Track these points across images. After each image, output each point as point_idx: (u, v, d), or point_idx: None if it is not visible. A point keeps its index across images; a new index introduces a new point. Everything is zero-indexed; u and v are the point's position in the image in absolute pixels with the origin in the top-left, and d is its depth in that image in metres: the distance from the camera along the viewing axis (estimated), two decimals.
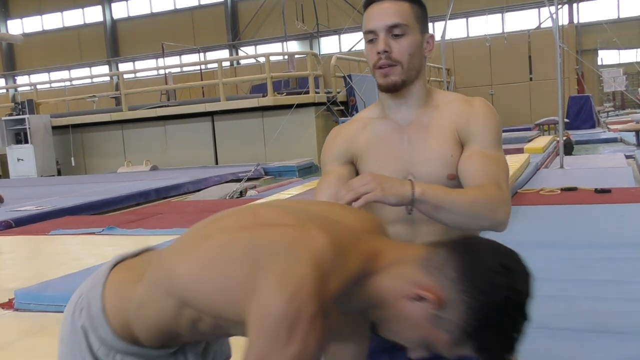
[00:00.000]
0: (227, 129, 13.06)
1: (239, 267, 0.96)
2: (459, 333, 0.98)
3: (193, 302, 1.04)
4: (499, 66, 18.32)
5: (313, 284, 0.91)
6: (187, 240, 1.09)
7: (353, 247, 1.01)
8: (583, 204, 4.99)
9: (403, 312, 1.01)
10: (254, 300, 0.92)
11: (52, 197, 8.14)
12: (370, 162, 1.54)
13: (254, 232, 1.00)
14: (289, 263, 0.93)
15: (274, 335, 0.89)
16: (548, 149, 9.66)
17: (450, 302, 0.97)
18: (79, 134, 14.54)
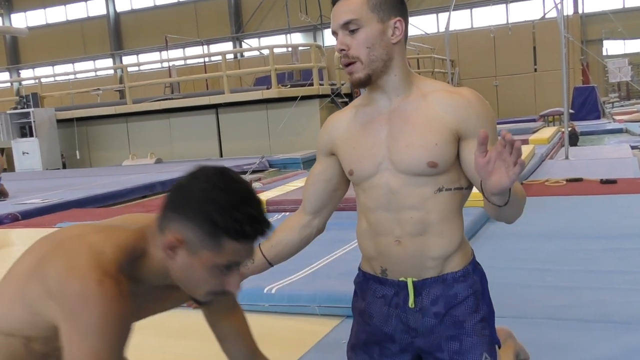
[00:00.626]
0: (232, 121, 13.06)
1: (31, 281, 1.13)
2: (209, 241, 1.11)
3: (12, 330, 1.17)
4: (504, 57, 18.23)
5: (87, 259, 1.09)
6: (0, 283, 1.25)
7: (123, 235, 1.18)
8: (588, 194, 4.99)
9: (177, 268, 1.15)
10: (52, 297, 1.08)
11: (57, 190, 8.16)
12: (349, 149, 1.57)
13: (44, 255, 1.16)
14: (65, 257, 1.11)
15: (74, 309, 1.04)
16: (553, 140, 9.62)
17: (182, 232, 1.12)
18: (84, 127, 14.57)
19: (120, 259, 1.14)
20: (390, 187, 1.49)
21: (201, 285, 1.17)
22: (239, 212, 1.11)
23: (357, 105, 1.61)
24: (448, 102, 1.48)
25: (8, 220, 6.03)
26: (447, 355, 1.52)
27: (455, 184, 1.50)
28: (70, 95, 16.35)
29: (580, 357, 2.00)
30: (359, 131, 1.55)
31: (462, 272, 1.53)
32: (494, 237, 3.82)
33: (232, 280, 1.17)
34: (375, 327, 1.59)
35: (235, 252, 1.14)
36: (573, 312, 2.39)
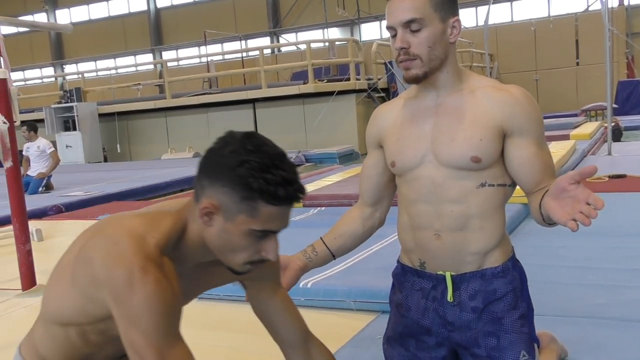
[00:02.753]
0: (268, 116, 13.15)
1: (78, 269, 1.16)
2: (245, 204, 1.11)
3: (68, 320, 1.20)
4: (544, 51, 17.86)
5: (131, 246, 1.09)
6: (54, 271, 1.28)
7: (162, 217, 1.19)
8: (632, 191, 4.86)
9: (215, 236, 1.15)
10: (100, 286, 1.10)
11: (99, 183, 8.36)
12: (393, 140, 1.57)
13: (88, 241, 1.19)
14: (109, 244, 1.12)
15: (122, 296, 1.07)
16: (595, 136, 9.39)
17: (218, 197, 1.12)
18: (124, 121, 14.86)
19: (161, 241, 1.14)
20: (433, 180, 1.50)
21: (238, 253, 1.16)
22: (272, 174, 1.09)
23: (406, 97, 1.62)
24: (496, 98, 1.49)
25: (52, 212, 6.21)
26: (484, 351, 1.51)
27: (498, 180, 1.49)
28: (112, 89, 16.68)
29: (621, 355, 1.96)
30: (404, 123, 1.56)
31: (502, 267, 1.52)
32: (533, 234, 3.76)
33: (270, 247, 1.16)
34: (412, 320, 1.59)
35: (270, 216, 1.12)
36: (613, 311, 2.34)
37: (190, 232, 1.19)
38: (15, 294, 3.24)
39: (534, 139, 1.48)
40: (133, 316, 1.06)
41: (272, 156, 1.12)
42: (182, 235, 1.19)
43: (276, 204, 1.11)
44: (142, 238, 1.12)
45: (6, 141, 3.24)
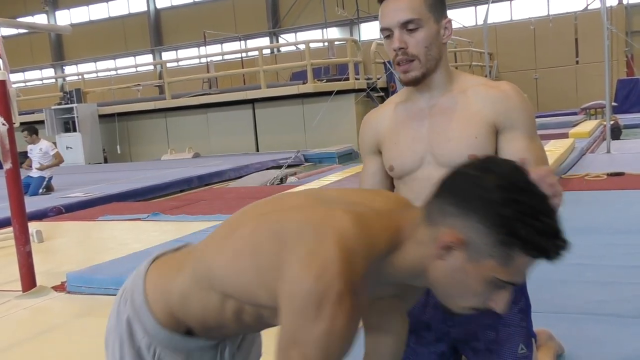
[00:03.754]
0: (268, 116, 13.15)
1: (267, 250, 1.00)
2: (498, 249, 0.95)
3: (232, 292, 1.07)
4: (544, 49, 17.86)
5: (339, 262, 0.93)
6: (220, 234, 1.13)
7: (377, 224, 1.02)
8: (630, 189, 4.87)
9: (447, 272, 1.00)
10: (282, 281, 0.95)
11: (99, 184, 8.37)
12: (390, 144, 1.58)
13: (279, 215, 1.04)
14: (314, 243, 0.95)
15: (303, 313, 0.92)
16: (594, 134, 9.41)
17: (467, 232, 0.96)
18: (124, 122, 14.86)
19: (370, 259, 0.99)
20: (432, 180, 1.49)
21: (466, 297, 1.02)
22: (542, 222, 0.94)
23: (396, 102, 1.62)
24: (486, 96, 1.50)
25: (52, 213, 6.23)
26: (483, 344, 1.53)
27: None
28: (112, 90, 16.69)
29: (618, 352, 1.97)
30: (399, 127, 1.57)
31: None
32: None
33: (502, 299, 1.01)
34: (411, 315, 1.60)
35: (521, 268, 0.97)
36: (612, 308, 2.36)
37: (406, 254, 1.03)
38: (15, 295, 3.26)
39: (524, 133, 1.49)
40: (305, 340, 0.92)
41: (542, 199, 0.96)
42: (392, 251, 1.03)
43: (535, 257, 0.96)
44: (353, 257, 0.95)
45: (5, 143, 3.25)
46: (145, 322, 1.15)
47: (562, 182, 5.58)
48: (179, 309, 1.14)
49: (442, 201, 1.00)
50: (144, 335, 1.16)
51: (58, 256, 4.31)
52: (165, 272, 1.18)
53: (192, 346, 1.17)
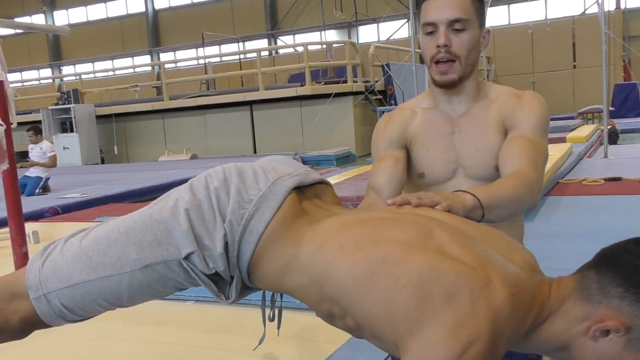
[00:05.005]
0: (266, 118, 13.16)
1: (408, 295, 0.91)
2: None
3: (345, 306, 1.00)
4: (542, 53, 17.92)
5: (486, 343, 0.87)
6: (354, 236, 1.02)
7: (527, 297, 0.95)
8: (628, 194, 4.88)
9: (595, 353, 0.94)
10: (419, 338, 0.89)
11: (96, 184, 8.36)
12: (422, 150, 1.54)
13: (432, 261, 0.94)
14: (466, 312, 0.88)
15: None
16: (591, 138, 9.43)
17: (633, 318, 0.90)
18: (122, 122, 14.86)
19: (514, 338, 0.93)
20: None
21: None
22: None
23: (421, 107, 1.59)
24: (503, 102, 1.50)
25: (49, 214, 6.21)
26: None
27: None
28: (109, 91, 16.69)
29: None
30: (431, 134, 1.54)
31: None
32: (528, 237, 3.73)
33: None
34: None
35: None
36: None
37: (550, 328, 0.96)
38: None
39: (525, 132, 1.46)
40: None
41: None
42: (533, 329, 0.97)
43: None
44: (500, 338, 0.89)
45: (2, 143, 3.24)
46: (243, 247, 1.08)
47: (560, 186, 5.60)
48: (272, 271, 1.08)
49: (606, 280, 0.92)
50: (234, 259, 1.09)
51: None
52: (286, 230, 1.09)
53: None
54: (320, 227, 1.07)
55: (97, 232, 1.15)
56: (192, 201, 1.09)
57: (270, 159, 1.27)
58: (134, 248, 1.09)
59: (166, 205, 1.11)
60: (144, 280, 1.10)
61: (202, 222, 1.08)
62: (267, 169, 1.15)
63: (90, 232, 1.16)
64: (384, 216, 1.08)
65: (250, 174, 1.13)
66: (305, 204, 1.15)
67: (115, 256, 1.10)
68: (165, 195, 1.16)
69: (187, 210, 1.08)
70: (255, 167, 1.16)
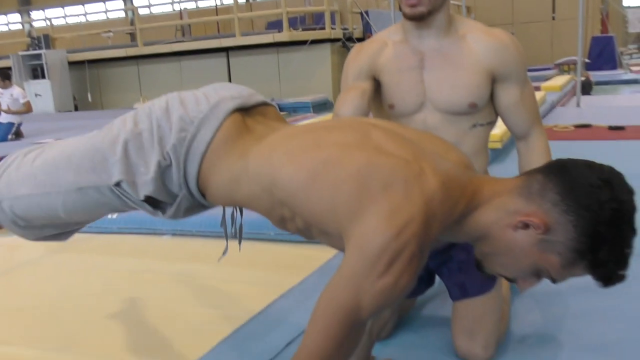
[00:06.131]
0: (242, 65, 13.00)
1: (349, 188, 0.98)
2: (569, 254, 0.97)
3: (293, 207, 1.07)
4: (521, 4, 17.83)
5: (419, 225, 0.94)
6: (294, 143, 1.10)
7: (457, 185, 1.02)
8: (596, 139, 5.01)
9: (510, 242, 1.01)
10: (359, 225, 0.95)
11: (71, 131, 8.26)
12: (391, 83, 1.59)
13: (369, 157, 1.01)
14: (400, 199, 0.95)
15: (373, 264, 0.93)
16: (565, 88, 9.53)
17: (555, 224, 0.97)
18: (95, 69, 14.55)
19: (446, 223, 1.00)
20: (427, 123, 1.56)
21: (507, 268, 1.05)
22: (623, 256, 0.97)
23: (392, 40, 1.62)
24: (487, 44, 1.55)
25: None
26: (456, 264, 1.63)
27: (487, 118, 1.59)
28: (82, 37, 16.26)
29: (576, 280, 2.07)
30: (401, 67, 1.58)
31: None
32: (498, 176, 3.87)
33: (531, 283, 1.06)
34: None
35: (573, 275, 1.01)
36: None
37: (479, 217, 1.04)
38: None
39: (518, 81, 1.57)
40: (366, 288, 0.94)
41: (634, 234, 0.98)
42: (465, 216, 1.04)
43: (595, 278, 0.99)
44: (433, 221, 0.96)
45: None
46: (189, 168, 1.17)
47: None
48: (222, 186, 1.16)
49: (546, 182, 0.99)
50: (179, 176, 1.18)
51: None
52: (230, 147, 1.17)
53: (205, 205, 1.23)
54: (266, 141, 1.15)
55: (48, 153, 1.33)
56: (133, 131, 1.20)
57: (215, 85, 1.34)
58: (72, 172, 1.27)
59: (109, 134, 1.24)
60: (77, 200, 1.27)
61: (140, 150, 1.19)
62: (210, 93, 1.24)
63: (43, 152, 1.34)
64: (325, 124, 1.16)
65: (191, 100, 1.22)
66: (250, 123, 1.22)
67: (55, 177, 1.28)
68: (111, 123, 1.27)
69: (126, 141, 1.20)
70: (197, 93, 1.25)
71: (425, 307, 1.95)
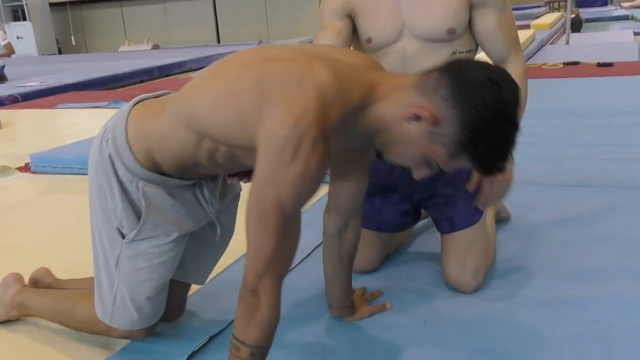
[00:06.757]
0: (229, 6, 12.74)
1: (250, 97, 1.06)
2: (453, 145, 1.05)
3: (210, 133, 1.14)
4: None
5: (315, 111, 1.00)
6: (203, 78, 1.19)
7: (354, 80, 1.10)
8: (584, 76, 5.02)
9: (403, 133, 1.09)
10: (263, 127, 1.02)
11: (55, 74, 8.14)
12: (367, 15, 1.58)
13: (264, 66, 1.09)
14: (295, 93, 1.02)
15: (280, 156, 0.99)
16: (555, 26, 9.46)
17: (443, 118, 1.05)
18: (78, 11, 14.21)
19: (344, 110, 1.07)
20: (406, 53, 1.55)
21: (402, 158, 1.14)
22: (502, 151, 1.06)
23: None
24: None
25: (8, 102, 6.09)
26: (442, 199, 1.68)
27: (466, 46, 1.58)
28: None
29: (553, 214, 2.15)
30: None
31: None
32: None
33: (424, 172, 1.14)
34: (378, 179, 1.72)
35: (459, 166, 1.10)
36: (554, 179, 2.52)
37: (378, 110, 1.11)
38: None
39: (496, 8, 1.55)
40: (280, 180, 1.00)
41: (513, 132, 1.06)
42: (364, 108, 1.11)
43: (476, 168, 1.09)
44: (329, 107, 1.03)
45: None
46: (126, 160, 1.25)
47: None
48: (158, 151, 1.23)
49: (440, 80, 1.06)
50: (125, 172, 1.25)
51: (19, 141, 4.29)
52: (147, 114, 1.26)
53: (170, 184, 1.28)
54: (179, 93, 1.25)
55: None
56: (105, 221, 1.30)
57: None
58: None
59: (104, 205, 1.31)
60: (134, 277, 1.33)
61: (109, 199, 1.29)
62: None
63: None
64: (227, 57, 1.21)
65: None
66: (158, 102, 1.31)
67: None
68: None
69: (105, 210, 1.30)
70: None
71: (412, 244, 2.01)
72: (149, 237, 1.28)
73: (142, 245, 1.29)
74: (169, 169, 1.26)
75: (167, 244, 1.30)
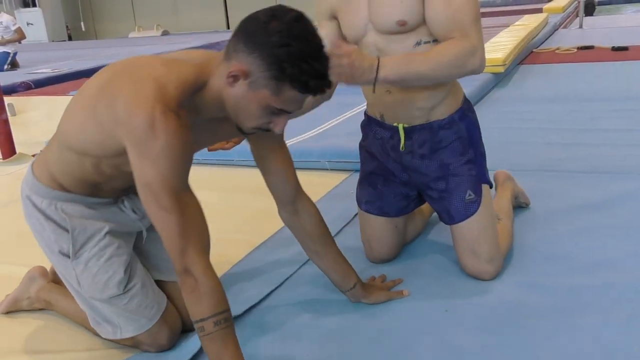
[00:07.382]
0: None
1: (102, 105, 1.19)
2: (271, 82, 1.14)
3: (86, 149, 1.27)
4: None
5: (153, 93, 1.13)
6: (72, 100, 1.33)
7: (185, 65, 1.23)
8: (598, 61, 4.97)
9: (234, 97, 1.19)
10: (120, 124, 1.15)
11: (66, 60, 8.16)
12: (342, 14, 1.62)
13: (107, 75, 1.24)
14: (133, 85, 1.16)
15: (144, 139, 1.11)
16: (568, 9, 9.35)
17: (249, 66, 1.14)
18: None
19: (182, 94, 1.18)
20: (377, 46, 1.58)
21: (250, 119, 1.21)
22: (309, 65, 1.13)
23: None
24: None
25: (22, 89, 6.12)
26: (436, 193, 1.68)
27: (432, 36, 1.55)
28: None
29: (565, 201, 2.14)
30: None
31: (448, 120, 1.65)
32: (500, 101, 3.88)
33: (280, 122, 1.22)
34: (379, 161, 1.74)
35: (291, 100, 1.17)
36: (568, 165, 2.51)
37: (211, 87, 1.22)
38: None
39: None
40: (153, 158, 1.11)
41: (313, 46, 1.14)
42: (201, 88, 1.22)
43: (301, 92, 1.16)
44: (165, 86, 1.15)
45: None
46: (37, 189, 1.38)
47: (533, 55, 5.64)
48: (60, 175, 1.36)
49: (235, 41, 1.17)
50: (41, 200, 1.38)
51: (33, 128, 4.31)
52: (44, 151, 1.42)
53: (88, 201, 1.39)
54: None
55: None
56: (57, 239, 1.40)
57: None
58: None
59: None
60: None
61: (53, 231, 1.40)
62: None
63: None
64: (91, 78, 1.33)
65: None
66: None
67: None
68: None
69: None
70: None
71: (430, 233, 2.00)
72: (85, 242, 1.37)
73: (85, 253, 1.37)
74: (79, 190, 1.36)
75: (102, 238, 1.38)
